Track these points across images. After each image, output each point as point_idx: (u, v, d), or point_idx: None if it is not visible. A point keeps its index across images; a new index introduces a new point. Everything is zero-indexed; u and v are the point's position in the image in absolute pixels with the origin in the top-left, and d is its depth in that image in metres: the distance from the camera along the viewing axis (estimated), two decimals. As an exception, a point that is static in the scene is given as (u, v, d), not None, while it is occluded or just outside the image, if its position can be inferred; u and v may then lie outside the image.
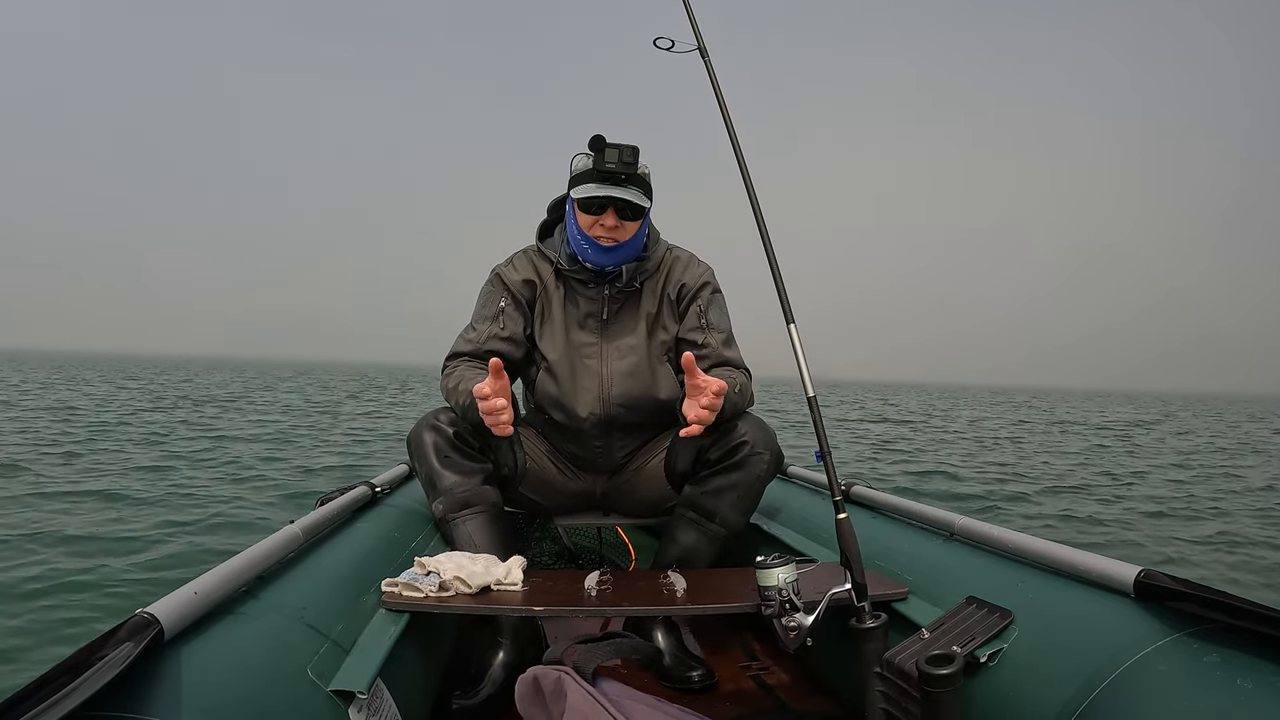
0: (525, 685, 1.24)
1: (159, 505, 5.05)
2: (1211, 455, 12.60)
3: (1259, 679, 0.84)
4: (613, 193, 1.68)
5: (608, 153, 1.66)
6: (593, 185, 1.69)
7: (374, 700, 1.07)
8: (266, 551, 1.21)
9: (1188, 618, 0.98)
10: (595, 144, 1.66)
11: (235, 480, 6.25)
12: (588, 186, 1.69)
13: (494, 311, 1.85)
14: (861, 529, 1.28)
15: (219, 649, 0.95)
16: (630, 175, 1.68)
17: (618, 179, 1.68)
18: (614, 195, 1.68)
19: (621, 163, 1.66)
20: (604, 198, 1.68)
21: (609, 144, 1.66)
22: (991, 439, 14.17)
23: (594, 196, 1.69)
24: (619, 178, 1.68)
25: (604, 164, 1.66)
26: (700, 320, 1.86)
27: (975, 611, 1.23)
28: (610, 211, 1.70)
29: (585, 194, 1.69)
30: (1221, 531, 5.78)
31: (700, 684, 1.62)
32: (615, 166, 1.66)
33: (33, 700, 0.68)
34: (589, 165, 1.69)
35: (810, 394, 1.36)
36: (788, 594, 1.19)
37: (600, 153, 1.66)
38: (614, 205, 1.70)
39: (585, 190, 1.69)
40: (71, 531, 4.17)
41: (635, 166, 1.67)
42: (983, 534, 1.43)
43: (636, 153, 1.67)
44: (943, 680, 0.99)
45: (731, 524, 1.74)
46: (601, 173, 1.67)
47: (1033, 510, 6.41)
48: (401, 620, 1.27)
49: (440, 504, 1.68)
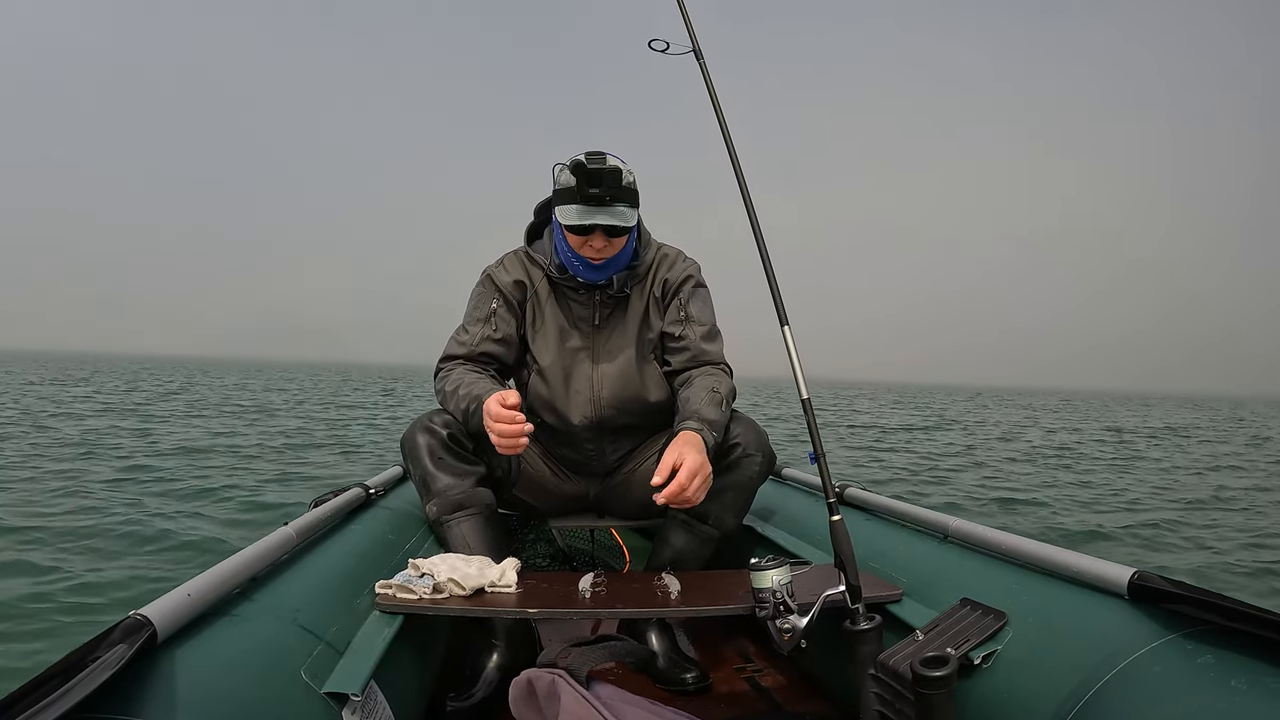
0: (519, 688, 1.24)
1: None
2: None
3: (1253, 680, 0.85)
4: (598, 220, 1.65)
5: (591, 177, 1.63)
6: (576, 209, 1.66)
7: (368, 702, 1.07)
8: (260, 553, 1.21)
9: (1182, 619, 0.99)
10: (578, 170, 1.63)
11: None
12: (572, 211, 1.66)
13: (486, 313, 1.84)
14: (856, 531, 1.29)
15: (212, 651, 0.94)
16: (615, 195, 1.66)
17: (602, 200, 1.66)
18: (599, 222, 1.66)
19: (605, 188, 1.63)
20: (590, 225, 1.66)
21: (591, 168, 1.62)
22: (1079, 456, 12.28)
23: (579, 224, 1.66)
24: (604, 199, 1.65)
25: (587, 190, 1.64)
26: (680, 313, 1.85)
27: (969, 613, 1.23)
28: (598, 234, 1.68)
29: (571, 220, 1.66)
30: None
31: (694, 686, 1.62)
32: (599, 191, 1.64)
33: (26, 703, 0.67)
34: (572, 183, 1.65)
35: (804, 396, 1.36)
36: (782, 596, 1.19)
37: (584, 179, 1.63)
38: (601, 229, 1.68)
39: (570, 215, 1.66)
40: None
41: (619, 189, 1.65)
42: (977, 536, 1.43)
43: (619, 176, 1.64)
44: (937, 682, 1.00)
45: (724, 526, 1.74)
46: (585, 196, 1.65)
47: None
48: (395, 622, 1.27)
49: (434, 506, 1.67)
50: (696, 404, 1.67)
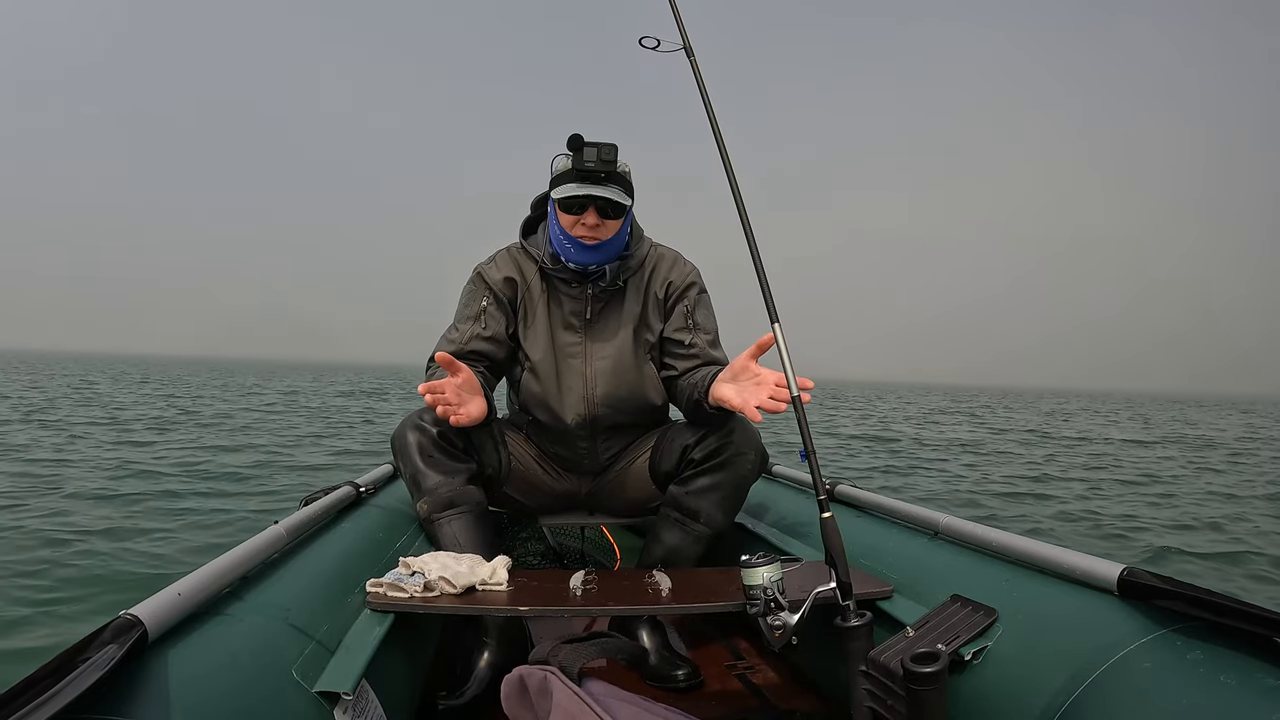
0: (511, 685, 1.24)
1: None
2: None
3: (1242, 676, 0.86)
4: (592, 191, 1.67)
5: (586, 151, 1.65)
6: (572, 185, 1.68)
7: (359, 701, 1.07)
8: (250, 552, 1.20)
9: (1171, 615, 1.00)
10: (574, 143, 1.65)
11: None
12: (568, 186, 1.69)
13: (476, 311, 1.84)
14: (846, 528, 1.29)
15: (203, 650, 0.94)
16: (610, 173, 1.68)
17: (597, 177, 1.67)
18: (594, 194, 1.67)
19: (600, 161, 1.66)
20: (584, 196, 1.68)
21: (587, 143, 1.65)
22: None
23: (574, 196, 1.68)
24: (598, 176, 1.67)
25: (583, 163, 1.66)
26: (687, 320, 1.86)
27: (960, 610, 1.24)
28: (591, 210, 1.70)
29: (565, 194, 1.69)
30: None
31: (686, 683, 1.63)
32: (594, 165, 1.66)
33: (16, 704, 0.67)
34: (569, 165, 1.68)
35: (794, 393, 1.37)
36: (773, 593, 1.19)
37: (579, 152, 1.66)
38: (594, 204, 1.69)
39: (565, 190, 1.69)
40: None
41: (614, 164, 1.67)
42: (967, 533, 1.44)
43: (615, 150, 1.66)
44: (927, 678, 1.00)
45: (715, 523, 1.74)
46: (581, 172, 1.67)
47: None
48: (386, 621, 1.26)
49: (425, 504, 1.67)
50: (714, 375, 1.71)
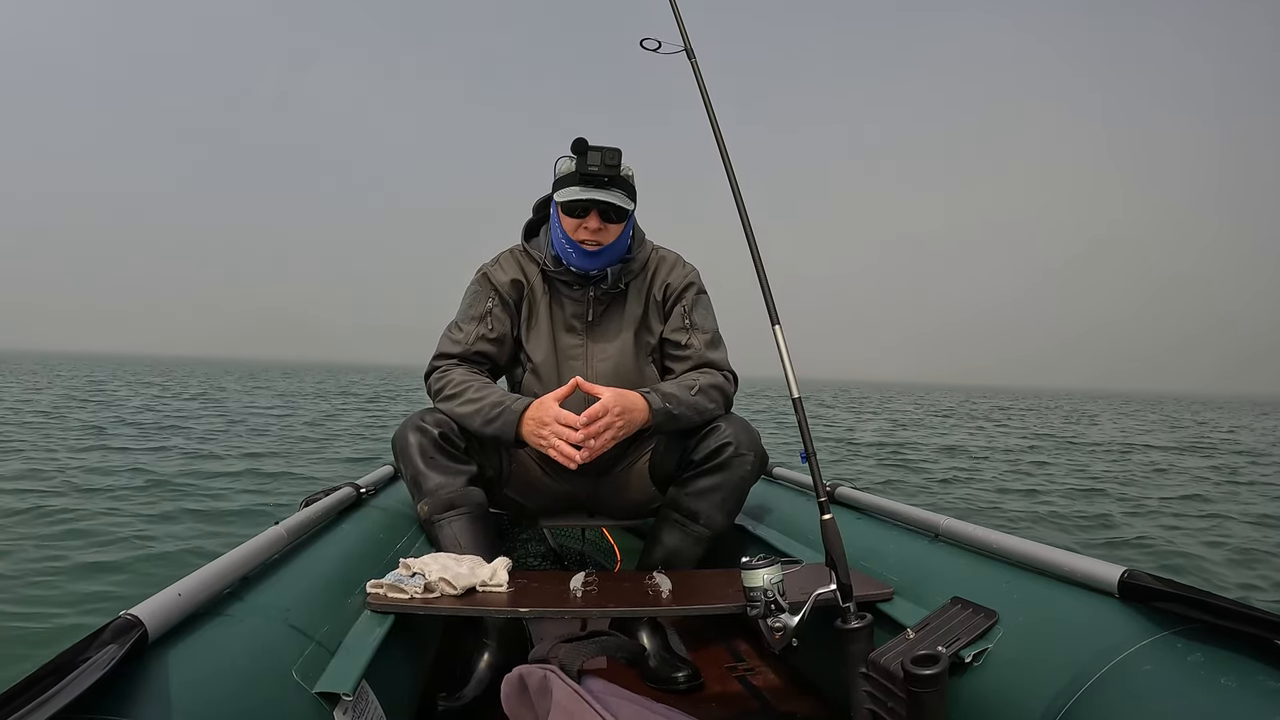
0: (511, 684, 1.24)
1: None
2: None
3: (1242, 678, 0.85)
4: (595, 195, 1.67)
5: (590, 155, 1.65)
6: (575, 189, 1.68)
7: (359, 702, 1.07)
8: (251, 553, 1.20)
9: (1172, 617, 0.99)
10: (577, 147, 1.65)
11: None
12: (570, 190, 1.69)
13: (481, 312, 1.84)
14: (846, 530, 1.29)
15: (203, 651, 0.94)
16: (613, 178, 1.68)
17: (600, 182, 1.67)
18: (597, 198, 1.67)
19: (604, 165, 1.65)
20: (587, 201, 1.68)
21: (591, 146, 1.65)
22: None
23: (577, 200, 1.68)
24: (602, 180, 1.67)
25: (586, 167, 1.65)
26: (684, 321, 1.86)
27: (960, 612, 1.24)
28: (594, 214, 1.70)
29: (568, 197, 1.69)
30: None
31: (686, 685, 1.62)
32: (598, 169, 1.65)
33: (16, 704, 0.67)
34: (572, 168, 1.68)
35: (795, 395, 1.36)
36: (773, 595, 1.19)
37: (582, 155, 1.65)
38: (597, 208, 1.69)
39: (568, 194, 1.69)
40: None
41: (618, 169, 1.67)
42: (967, 535, 1.44)
43: (619, 155, 1.66)
44: (927, 680, 1.00)
45: (715, 525, 1.74)
46: (584, 176, 1.67)
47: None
48: (386, 622, 1.26)
49: (425, 505, 1.67)
50: (664, 385, 1.73)
